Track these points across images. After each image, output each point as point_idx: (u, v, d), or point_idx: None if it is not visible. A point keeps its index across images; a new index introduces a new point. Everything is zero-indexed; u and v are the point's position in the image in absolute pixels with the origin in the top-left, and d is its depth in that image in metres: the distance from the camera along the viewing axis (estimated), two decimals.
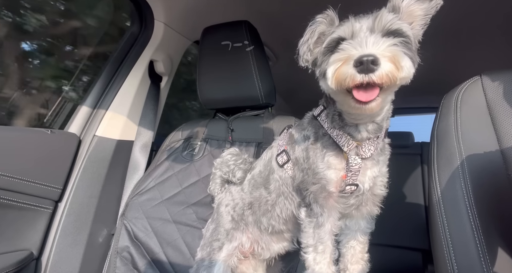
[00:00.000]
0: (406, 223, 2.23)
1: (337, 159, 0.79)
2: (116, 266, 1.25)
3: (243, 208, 1.03)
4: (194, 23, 1.61)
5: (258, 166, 1.04)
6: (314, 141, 0.83)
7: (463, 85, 0.91)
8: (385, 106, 0.77)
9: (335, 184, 0.80)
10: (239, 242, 1.03)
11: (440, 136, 0.90)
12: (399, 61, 0.61)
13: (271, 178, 0.96)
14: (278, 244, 1.04)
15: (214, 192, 1.15)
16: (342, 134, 0.79)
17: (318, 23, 0.73)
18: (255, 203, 1.00)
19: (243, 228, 1.04)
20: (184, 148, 1.44)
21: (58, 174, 1.30)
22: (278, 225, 0.97)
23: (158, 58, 1.61)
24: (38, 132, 1.26)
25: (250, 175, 1.05)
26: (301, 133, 0.89)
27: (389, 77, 0.60)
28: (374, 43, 0.61)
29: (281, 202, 0.94)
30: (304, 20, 0.75)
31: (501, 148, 0.78)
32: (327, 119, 0.82)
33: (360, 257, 0.95)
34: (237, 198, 1.05)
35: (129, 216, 1.32)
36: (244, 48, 1.35)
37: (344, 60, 0.62)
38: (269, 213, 0.97)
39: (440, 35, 0.67)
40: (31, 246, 1.21)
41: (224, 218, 1.06)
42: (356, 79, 0.60)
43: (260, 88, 1.35)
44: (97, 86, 1.48)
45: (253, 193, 1.01)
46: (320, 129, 0.83)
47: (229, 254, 1.01)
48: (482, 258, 0.71)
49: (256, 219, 1.01)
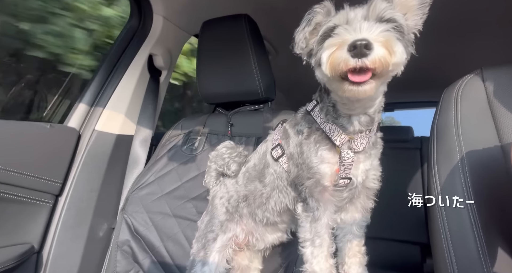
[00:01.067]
0: (405, 217, 2.24)
1: (330, 153, 0.80)
2: (117, 259, 1.26)
3: (237, 201, 1.04)
4: (193, 17, 1.60)
5: (253, 159, 1.05)
6: (308, 135, 0.84)
7: (464, 79, 0.91)
8: (378, 97, 0.78)
9: (329, 178, 0.81)
10: (234, 233, 1.04)
11: (440, 130, 0.89)
12: (391, 46, 0.62)
13: (266, 172, 0.97)
14: (273, 234, 1.05)
15: (209, 185, 1.16)
16: (334, 128, 0.80)
17: (315, 13, 0.73)
18: (250, 196, 1.01)
19: (237, 219, 1.05)
20: (184, 143, 1.44)
21: (58, 168, 1.30)
22: (273, 217, 0.98)
23: (157, 52, 1.60)
24: (37, 126, 1.26)
25: (245, 168, 1.06)
26: (295, 128, 0.90)
27: (382, 62, 0.61)
28: (368, 28, 0.62)
29: (275, 195, 0.95)
30: (304, 14, 0.75)
31: (501, 143, 0.77)
32: (320, 114, 0.83)
33: (357, 250, 0.95)
34: (232, 191, 1.06)
35: (129, 210, 1.33)
36: (244, 42, 1.34)
37: (338, 45, 0.63)
38: (264, 206, 0.98)
39: (441, 29, 0.66)
40: (32, 240, 1.22)
41: (218, 210, 1.07)
42: (350, 63, 0.61)
43: (260, 82, 1.34)
44: (96, 80, 1.47)
45: (248, 186, 1.02)
46: (313, 124, 0.84)
47: (223, 245, 1.03)
48: (481, 251, 0.71)
49: (251, 211, 1.02)
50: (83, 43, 1.88)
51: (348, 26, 0.65)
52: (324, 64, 0.65)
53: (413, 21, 0.71)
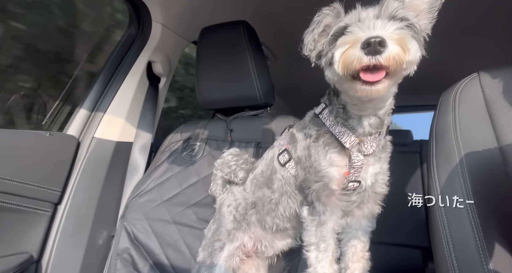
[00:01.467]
0: (405, 221, 2.23)
1: (339, 156, 0.79)
2: (117, 268, 1.25)
3: (245, 208, 1.03)
4: (192, 24, 1.61)
5: (260, 166, 1.05)
6: (316, 138, 0.83)
7: (461, 83, 0.92)
8: (389, 98, 0.77)
9: (337, 181, 0.80)
10: (241, 242, 1.03)
11: (438, 133, 0.90)
12: (406, 44, 0.61)
13: (274, 178, 0.96)
14: (282, 241, 1.04)
15: (215, 193, 1.15)
16: (344, 130, 0.79)
17: (324, 15, 0.73)
18: (258, 202, 1.00)
19: (245, 227, 1.04)
20: (184, 149, 1.44)
21: (57, 177, 1.29)
22: (283, 223, 0.97)
23: (156, 59, 1.61)
24: (36, 134, 1.26)
25: (252, 175, 1.05)
26: (303, 132, 0.89)
27: (396, 60, 0.60)
28: (381, 26, 0.62)
29: (284, 201, 0.94)
30: (302, 20, 0.75)
31: (500, 145, 0.78)
32: (329, 116, 0.82)
33: (361, 255, 0.95)
34: (240, 198, 1.05)
35: (129, 217, 1.32)
36: (242, 48, 1.35)
37: (352, 42, 0.62)
38: (273, 212, 0.97)
39: (438, 32, 0.67)
40: (30, 249, 1.21)
41: (226, 218, 1.06)
42: (363, 61, 0.60)
43: (259, 88, 1.35)
44: (95, 88, 1.47)
45: (256, 193, 1.01)
46: (322, 126, 0.83)
47: (230, 254, 1.01)
48: (482, 254, 0.71)
49: (259, 218, 1.00)
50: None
51: (361, 23, 0.65)
52: (337, 62, 0.64)
53: (423, 24, 0.71)
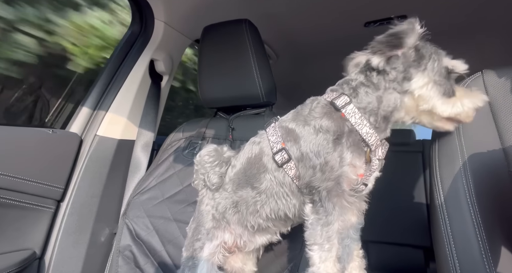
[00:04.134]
0: (407, 221, 2.22)
1: (359, 157, 0.79)
2: (119, 265, 1.25)
3: (226, 207, 0.97)
4: (194, 22, 1.61)
5: (240, 164, 0.97)
6: (339, 136, 0.79)
7: (465, 82, 0.91)
8: None
9: (352, 182, 0.79)
10: (221, 240, 0.99)
11: (441, 133, 0.89)
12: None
13: (262, 178, 0.89)
14: (262, 237, 1.00)
15: (198, 187, 1.07)
16: (372, 132, 0.78)
17: (414, 32, 0.74)
18: (241, 202, 0.94)
19: (225, 226, 0.99)
20: (185, 147, 1.44)
21: (60, 174, 1.30)
22: (266, 223, 0.93)
23: (158, 57, 1.61)
24: (39, 132, 1.26)
25: (232, 173, 0.98)
26: (310, 125, 0.83)
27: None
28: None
29: (272, 202, 0.89)
30: (304, 19, 0.75)
31: (503, 146, 0.77)
32: (355, 114, 0.79)
33: (356, 254, 0.94)
34: (219, 197, 0.99)
35: (130, 215, 1.33)
36: (244, 46, 1.35)
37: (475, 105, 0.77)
38: (257, 213, 0.92)
39: (441, 32, 0.66)
40: (33, 245, 1.22)
41: (204, 217, 1.00)
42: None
43: (261, 86, 1.35)
44: (98, 86, 1.48)
45: (237, 192, 0.95)
46: (344, 122, 0.79)
47: (211, 252, 0.97)
48: (484, 255, 0.70)
49: (241, 217, 0.96)
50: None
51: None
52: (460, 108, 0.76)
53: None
